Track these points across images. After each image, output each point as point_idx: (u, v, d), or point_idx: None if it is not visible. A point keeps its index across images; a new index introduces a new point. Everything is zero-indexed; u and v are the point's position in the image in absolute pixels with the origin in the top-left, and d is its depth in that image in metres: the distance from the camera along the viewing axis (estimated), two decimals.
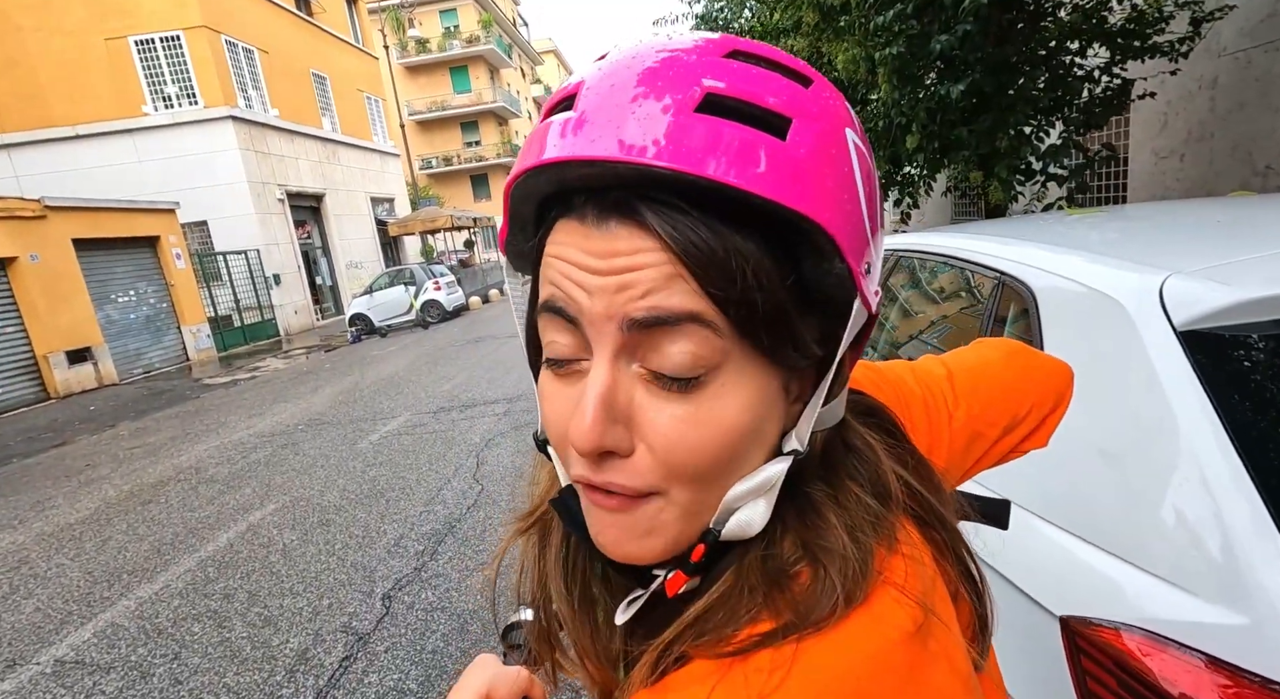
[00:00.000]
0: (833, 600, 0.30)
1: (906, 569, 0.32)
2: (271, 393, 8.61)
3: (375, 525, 3.72)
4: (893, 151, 5.05)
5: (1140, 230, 1.41)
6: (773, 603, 0.31)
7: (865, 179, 0.32)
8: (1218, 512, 0.77)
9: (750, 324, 0.30)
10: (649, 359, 0.30)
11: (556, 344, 0.33)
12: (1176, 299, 0.90)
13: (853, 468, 0.36)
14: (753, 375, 0.31)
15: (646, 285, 0.29)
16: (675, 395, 0.30)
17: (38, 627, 3.08)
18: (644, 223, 0.29)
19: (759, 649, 0.29)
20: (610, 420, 0.30)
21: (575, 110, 0.30)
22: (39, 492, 5.40)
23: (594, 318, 0.30)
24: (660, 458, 0.31)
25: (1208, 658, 0.73)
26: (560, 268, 0.31)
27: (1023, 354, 0.62)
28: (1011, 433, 0.57)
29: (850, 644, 0.29)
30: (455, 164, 34.41)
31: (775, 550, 0.33)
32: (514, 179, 0.32)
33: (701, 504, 0.32)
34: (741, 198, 0.28)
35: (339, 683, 2.34)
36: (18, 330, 9.85)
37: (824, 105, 0.31)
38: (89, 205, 11.01)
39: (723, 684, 0.28)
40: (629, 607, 0.36)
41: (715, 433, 0.30)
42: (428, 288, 14.25)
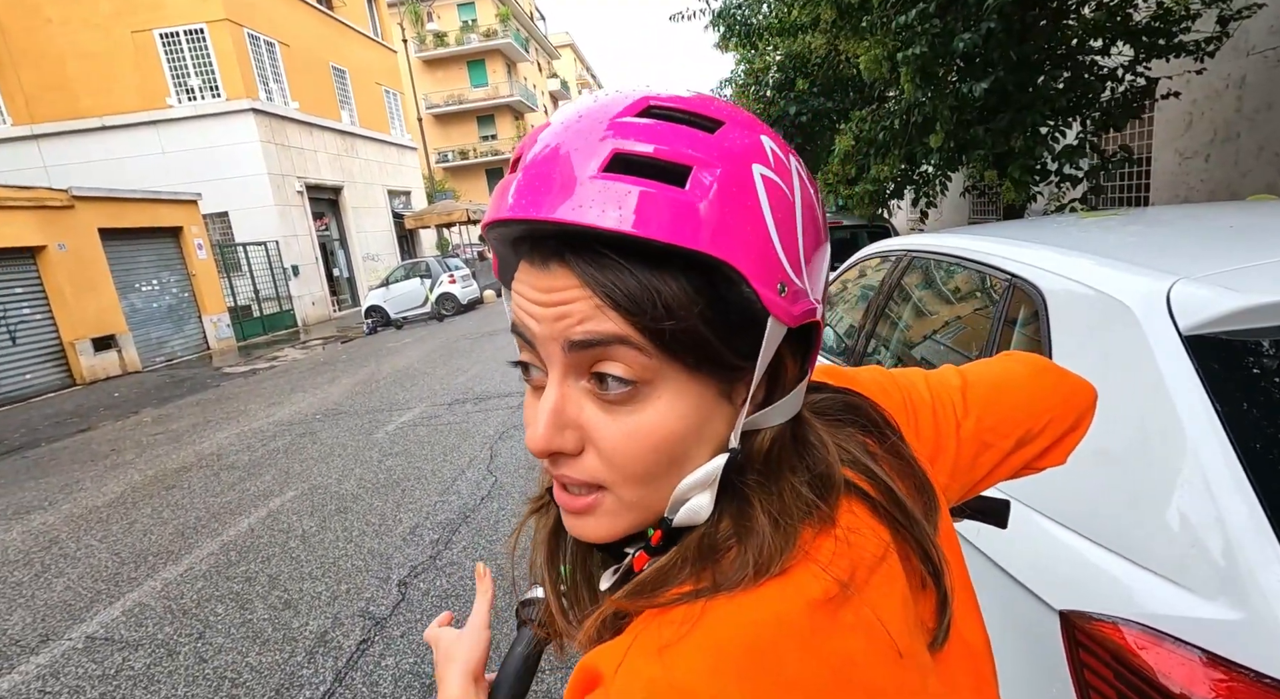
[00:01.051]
0: (744, 572, 0.35)
1: (834, 549, 0.37)
2: (290, 382, 8.75)
3: (391, 514, 3.80)
4: (908, 150, 5.02)
5: (1152, 234, 1.42)
6: (698, 572, 0.36)
7: (777, 208, 0.35)
8: (1217, 512, 0.79)
9: (672, 347, 0.34)
10: (591, 374, 0.36)
11: (523, 357, 0.40)
12: (1183, 304, 0.92)
13: (794, 461, 0.40)
14: (685, 388, 0.36)
15: (580, 315, 0.34)
16: (615, 408, 0.36)
17: (69, 604, 3.19)
18: (570, 266, 0.34)
19: (676, 605, 0.35)
20: (559, 428, 0.36)
21: (520, 171, 0.36)
22: (67, 475, 5.55)
23: (543, 341, 0.36)
24: (605, 459, 0.36)
25: (1204, 653, 0.75)
26: (518, 301, 0.38)
27: (1047, 371, 0.63)
28: (1025, 447, 0.58)
29: (755, 605, 0.34)
30: (471, 158, 34.54)
31: (712, 530, 0.38)
32: (482, 228, 0.39)
33: (646, 498, 0.38)
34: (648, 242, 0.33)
35: (357, 665, 2.41)
36: (46, 318, 10.09)
37: (726, 149, 0.35)
38: (115, 196, 11.22)
39: (640, 636, 0.34)
40: (610, 577, 0.42)
41: (652, 441, 0.36)
42: (443, 281, 14.37)
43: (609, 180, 0.33)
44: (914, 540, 0.42)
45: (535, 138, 0.37)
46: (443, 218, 18.69)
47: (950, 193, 5.85)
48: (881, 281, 2.24)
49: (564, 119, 0.37)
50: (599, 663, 0.34)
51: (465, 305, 14.77)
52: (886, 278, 2.20)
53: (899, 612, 0.38)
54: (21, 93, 14.00)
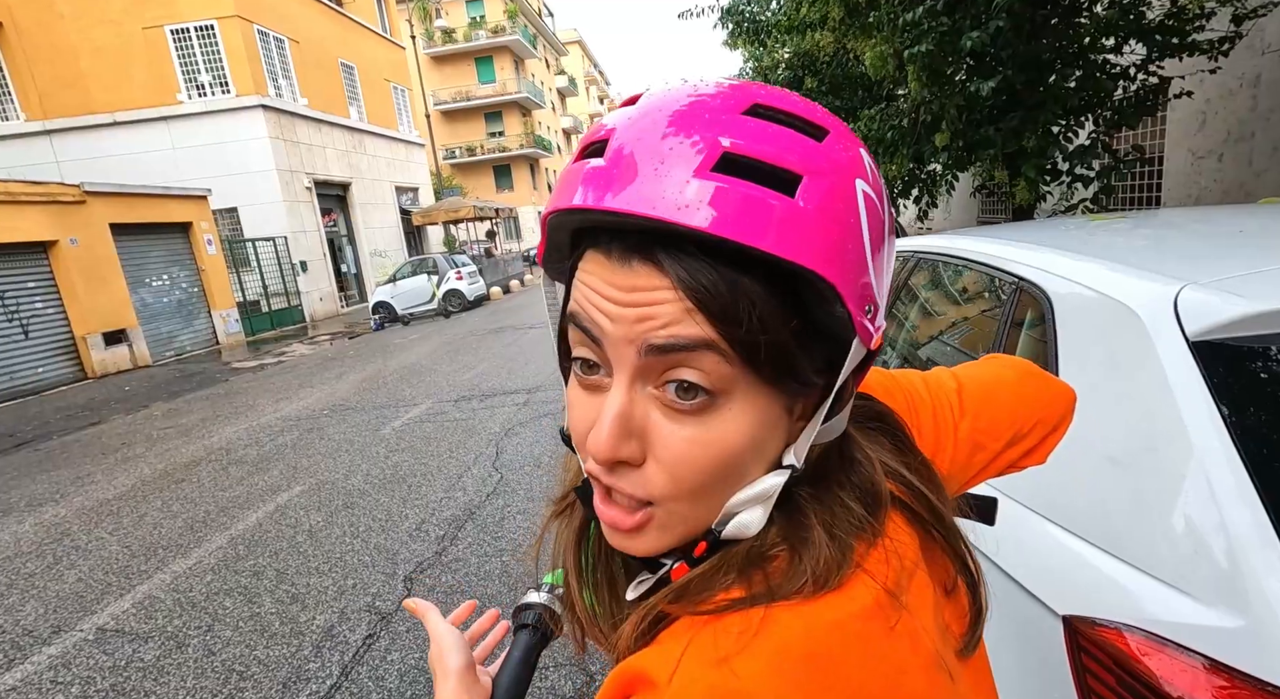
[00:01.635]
0: (802, 581, 0.34)
1: (883, 559, 0.37)
2: (298, 378, 8.81)
3: (397, 510, 3.82)
4: (917, 150, 5.00)
5: (1161, 238, 1.42)
6: (746, 578, 0.36)
7: (873, 229, 0.34)
8: (1221, 519, 0.79)
9: (755, 358, 0.33)
10: (664, 381, 0.34)
11: (581, 353, 0.37)
12: (1191, 309, 0.92)
13: (844, 477, 0.40)
14: (757, 401, 0.35)
15: (666, 318, 0.32)
16: (686, 417, 0.34)
17: (80, 596, 3.23)
18: (661, 266, 0.32)
19: (729, 611, 0.34)
20: (624, 435, 0.34)
21: (605, 159, 0.34)
22: (78, 467, 5.61)
23: (615, 341, 0.34)
24: (668, 472, 0.35)
25: (1207, 660, 0.75)
26: (587, 294, 0.35)
27: (1033, 375, 0.65)
28: (1013, 447, 0.60)
29: (813, 614, 0.33)
30: (479, 154, 34.59)
31: (759, 541, 0.37)
32: (548, 214, 0.36)
33: (697, 513, 0.37)
34: (751, 250, 0.31)
35: (363, 659, 2.43)
36: (58, 312, 10.19)
37: (835, 160, 0.33)
38: (126, 191, 11.31)
39: (695, 642, 0.33)
40: (638, 586, 0.41)
41: (719, 453, 0.34)
42: (450, 277, 14.41)
43: (718, 181, 0.31)
44: (950, 547, 0.42)
45: (614, 126, 0.35)
46: (450, 214, 18.74)
47: (959, 192, 5.82)
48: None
49: (658, 106, 0.34)
50: (648, 668, 0.33)
51: (472, 302, 14.82)
52: (894, 278, 2.19)
53: (931, 618, 0.38)
54: (35, 88, 14.12)
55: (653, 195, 0.31)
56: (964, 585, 0.42)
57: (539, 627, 0.71)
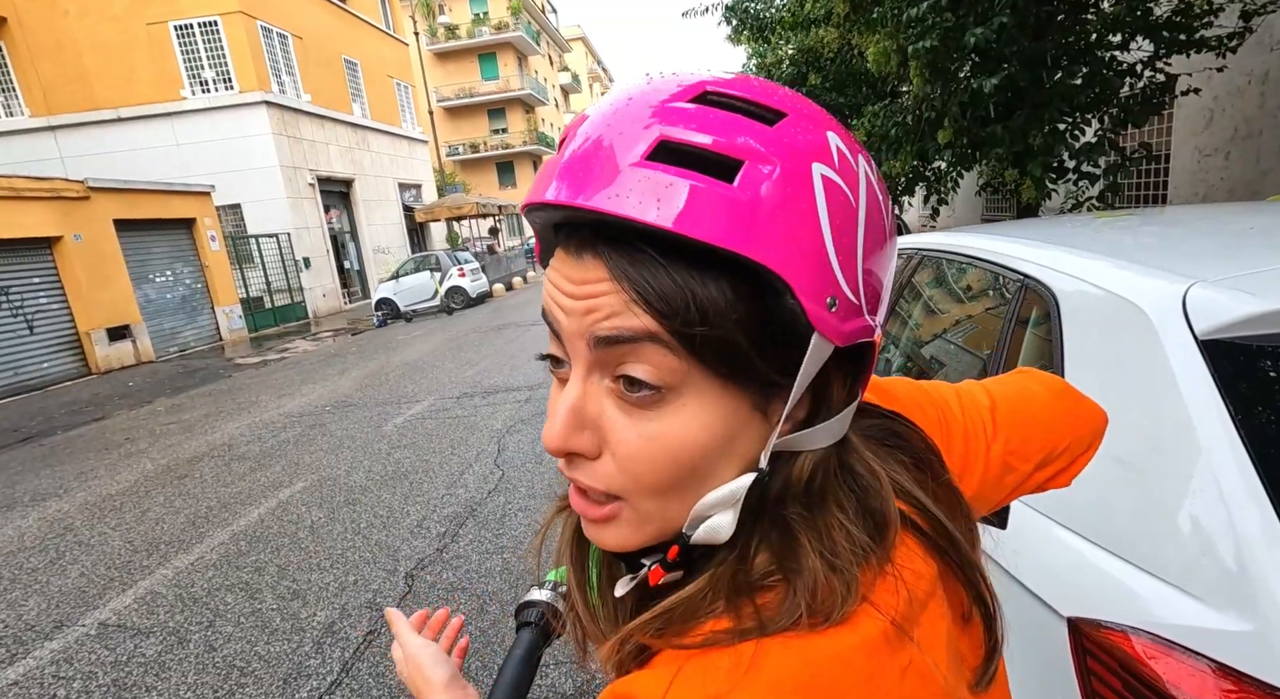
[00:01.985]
0: (796, 615, 0.32)
1: (889, 588, 0.34)
2: (300, 374, 8.82)
3: (399, 506, 3.82)
4: (921, 147, 4.97)
5: (1169, 235, 1.40)
6: (735, 609, 0.33)
7: (836, 213, 0.32)
8: (1230, 520, 0.78)
9: (702, 352, 0.32)
10: (616, 374, 0.33)
11: (551, 348, 0.38)
12: (1199, 308, 0.90)
13: (844, 494, 0.37)
14: (714, 397, 0.33)
15: (609, 309, 0.32)
16: (639, 411, 0.33)
17: (82, 591, 3.24)
18: (603, 258, 0.32)
19: (716, 646, 0.32)
20: (577, 427, 0.34)
21: (562, 155, 0.34)
22: (82, 463, 5.63)
23: (569, 334, 0.34)
24: (621, 467, 0.34)
25: (1214, 664, 0.74)
26: (549, 289, 0.36)
27: (1066, 394, 0.62)
28: (1043, 470, 0.58)
29: (811, 647, 0.31)
30: (482, 151, 34.59)
31: (747, 565, 0.35)
32: (521, 209, 0.37)
33: (662, 512, 0.35)
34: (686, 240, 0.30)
35: (363, 656, 2.43)
36: (62, 307, 10.22)
37: (786, 144, 0.32)
38: (129, 187, 11.33)
39: (679, 679, 0.31)
40: (620, 585, 0.40)
41: (673, 449, 0.33)
42: (452, 274, 14.42)
43: (652, 170, 0.31)
44: (966, 579, 0.39)
45: (582, 119, 0.35)
46: (453, 211, 18.74)
47: (963, 190, 5.79)
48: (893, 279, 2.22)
49: (613, 101, 0.35)
50: (637, 693, 0.32)
51: (474, 299, 14.82)
52: (897, 276, 2.18)
53: (944, 650, 0.36)
54: (39, 84, 14.15)
55: (591, 186, 0.31)
56: (978, 615, 0.40)
57: (541, 625, 0.70)
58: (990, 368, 1.42)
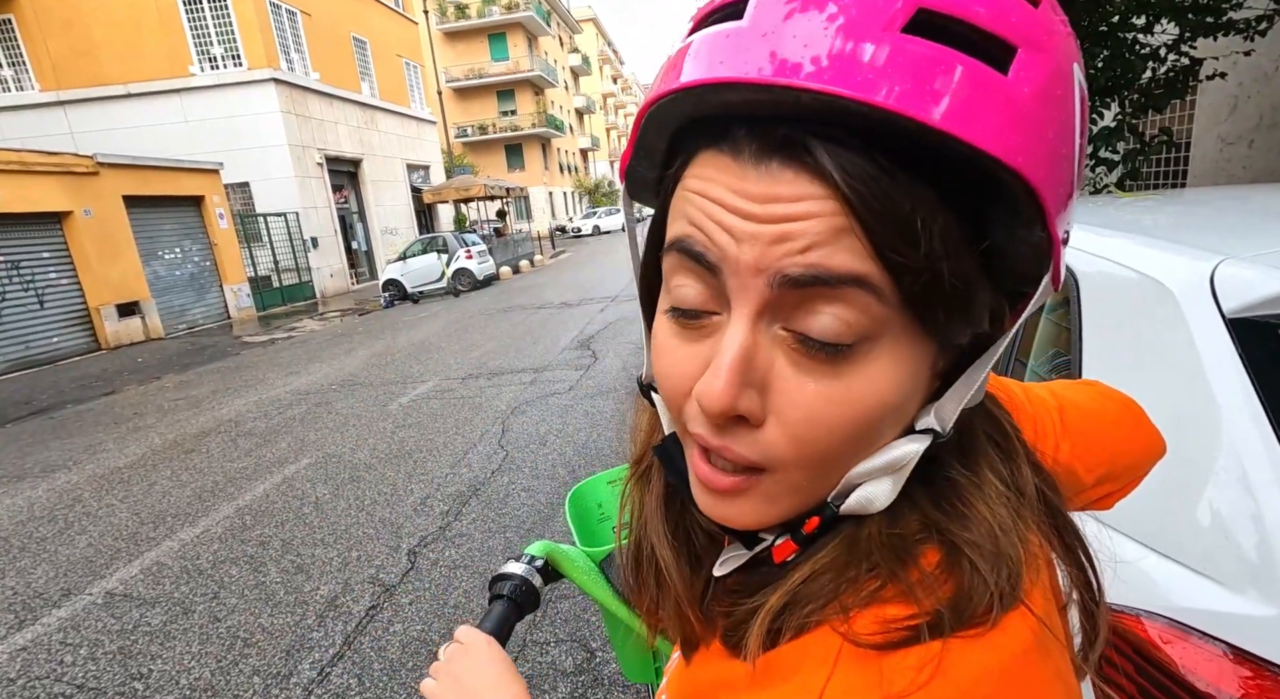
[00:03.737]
0: (987, 598, 0.27)
1: (1030, 579, 0.30)
2: (307, 353, 8.85)
3: (403, 484, 3.84)
4: None
5: (1195, 214, 1.36)
6: (897, 578, 0.29)
7: (1083, 132, 0.28)
8: (1255, 505, 0.75)
9: (923, 295, 0.26)
10: (795, 322, 0.27)
11: (685, 291, 0.30)
12: (1228, 285, 0.87)
13: (992, 457, 0.33)
14: (908, 350, 0.28)
15: (809, 239, 0.25)
16: (820, 366, 0.27)
17: (90, 561, 3.28)
18: (816, 166, 0.25)
19: (906, 646, 0.27)
20: (745, 383, 0.28)
21: (745, 19, 0.26)
22: (91, 436, 5.68)
23: (740, 268, 0.27)
24: (791, 433, 0.28)
25: (1232, 649, 0.72)
26: (704, 207, 0.28)
27: (1136, 416, 0.58)
28: (1101, 485, 0.53)
29: (990, 644, 0.27)
30: (490, 133, 34.38)
31: (896, 528, 0.30)
32: (651, 103, 0.29)
33: (815, 483, 0.30)
34: (942, 145, 0.24)
35: (365, 630, 2.45)
36: (72, 282, 10.28)
37: (1054, 32, 0.26)
38: (139, 163, 11.34)
39: (846, 660, 0.27)
40: (726, 563, 0.35)
41: (859, 413, 0.28)
42: (460, 256, 14.40)
43: (914, 46, 0.23)
44: (1071, 557, 0.34)
45: None
46: (461, 193, 18.66)
47: None
48: None
49: None
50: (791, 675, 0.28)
51: (481, 281, 14.81)
52: None
53: (1064, 642, 0.31)
54: (49, 59, 14.10)
55: (824, 63, 0.24)
56: (1082, 601, 0.34)
57: (514, 598, 0.69)
58: (1003, 355, 1.39)
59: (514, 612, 0.67)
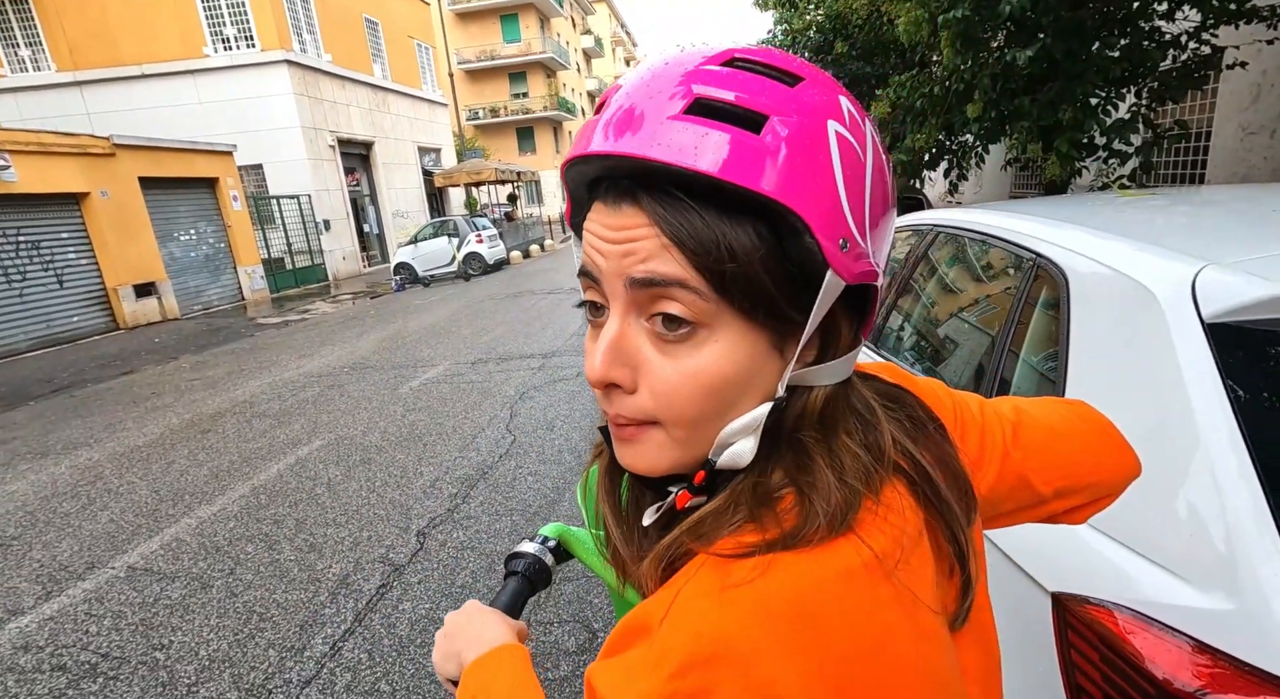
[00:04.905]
0: (815, 525, 0.35)
1: (877, 524, 0.37)
2: (320, 335, 8.97)
3: (413, 467, 3.92)
4: (947, 119, 4.83)
5: (1193, 216, 1.37)
6: (758, 517, 0.37)
7: (848, 164, 0.36)
8: (1221, 504, 0.78)
9: (729, 289, 0.35)
10: (650, 315, 0.37)
11: (589, 296, 0.41)
12: (1209, 291, 0.89)
13: (850, 425, 0.41)
14: (740, 335, 0.37)
15: (644, 253, 0.36)
16: (671, 348, 0.37)
17: (112, 536, 3.39)
18: (641, 205, 0.36)
19: (747, 557, 0.35)
20: (616, 362, 0.38)
21: (602, 113, 0.38)
22: (111, 415, 5.82)
23: (608, 277, 0.38)
24: (655, 397, 0.38)
25: (1193, 641, 0.75)
26: (589, 239, 0.39)
27: (1107, 435, 0.62)
28: (1061, 500, 0.57)
29: (807, 569, 0.34)
30: (502, 116, 34.19)
31: (765, 479, 0.39)
32: (563, 166, 0.41)
33: (693, 438, 0.39)
34: (720, 184, 0.34)
35: (376, 607, 2.53)
36: (90, 263, 10.44)
37: (805, 102, 0.36)
38: (154, 145, 11.43)
39: (695, 579, 0.36)
40: (652, 514, 0.44)
41: (704, 382, 0.37)
42: (470, 240, 14.44)
43: (689, 122, 0.34)
44: (946, 526, 0.42)
45: (616, 87, 0.39)
46: (472, 177, 18.65)
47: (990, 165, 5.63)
48: (907, 256, 2.19)
49: (650, 66, 0.39)
50: (646, 614, 0.36)
51: (491, 265, 14.86)
52: (913, 252, 2.15)
53: (929, 591, 0.38)
54: (65, 39, 14.18)
55: (633, 137, 0.35)
56: (956, 563, 0.42)
57: (528, 575, 0.74)
58: (997, 348, 1.41)
59: (527, 587, 0.72)
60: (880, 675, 0.33)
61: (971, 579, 0.42)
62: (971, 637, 0.44)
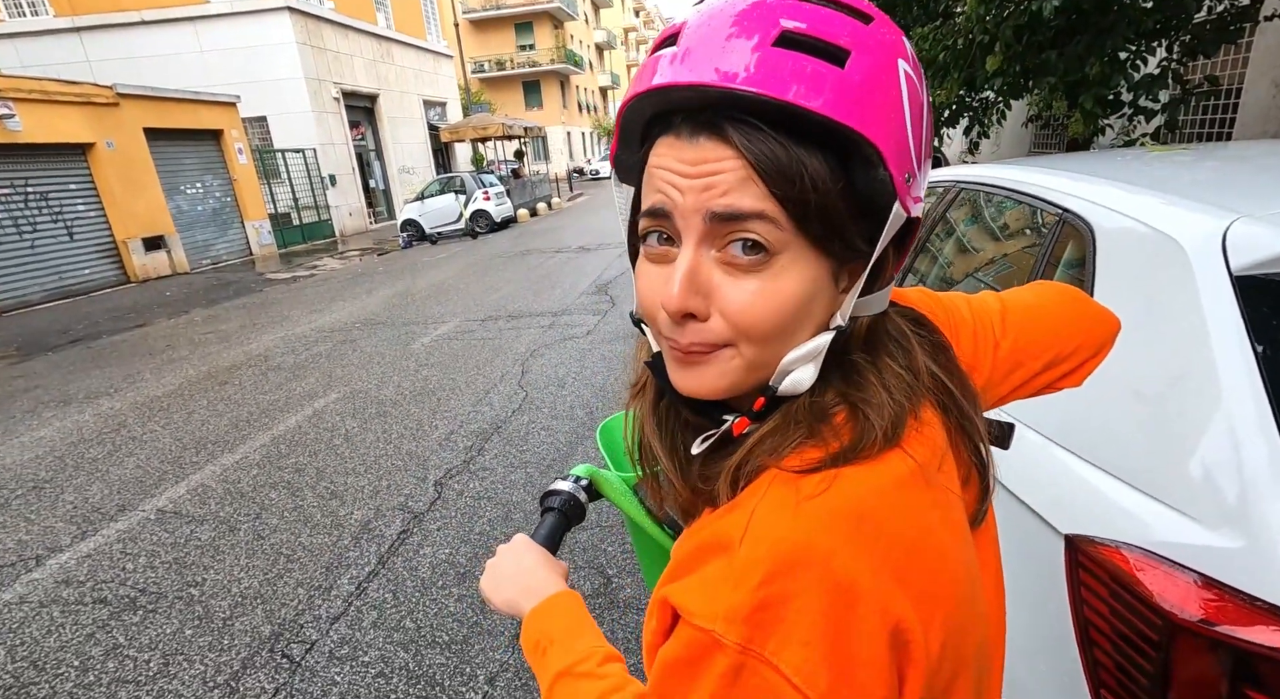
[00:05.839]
0: (872, 437, 0.39)
1: (916, 440, 0.42)
2: (329, 291, 9.00)
3: (427, 420, 4.00)
4: (969, 74, 4.69)
5: (1224, 170, 1.35)
6: (816, 433, 0.40)
7: (913, 104, 0.39)
8: (1237, 453, 0.81)
9: (805, 219, 0.38)
10: (726, 244, 0.39)
11: (653, 236, 0.42)
12: (1240, 243, 0.90)
13: (892, 349, 0.45)
14: (807, 262, 0.39)
15: (725, 186, 0.37)
16: (744, 274, 0.39)
17: (140, 481, 3.50)
18: (726, 137, 0.37)
19: (814, 472, 0.39)
20: (693, 291, 0.39)
21: (679, 46, 0.39)
22: (128, 366, 5.92)
23: (685, 211, 0.39)
24: (731, 321, 0.40)
25: (1201, 576, 0.79)
26: (661, 175, 0.40)
27: (1078, 300, 0.68)
28: (1052, 369, 0.63)
29: (865, 478, 0.39)
30: (508, 68, 33.33)
31: (819, 399, 0.42)
32: (627, 102, 0.42)
33: (759, 360, 0.41)
34: (805, 116, 0.35)
35: (397, 551, 2.63)
36: (99, 215, 10.43)
37: (880, 40, 0.38)
38: (157, 95, 11.25)
39: (769, 496, 0.39)
40: (703, 442, 0.46)
41: (775, 302, 0.39)
42: (477, 197, 14.28)
43: (781, 54, 0.36)
44: (967, 437, 0.47)
45: (680, 26, 0.40)
46: (478, 132, 18.30)
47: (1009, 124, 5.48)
48: (926, 214, 2.18)
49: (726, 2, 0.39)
50: (723, 531, 0.39)
51: (499, 223, 14.73)
52: (931, 211, 2.14)
53: (956, 496, 0.44)
54: None
55: (720, 67, 0.36)
56: (975, 470, 0.48)
57: (564, 511, 0.78)
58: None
59: (563, 522, 0.76)
60: (930, 564, 0.39)
61: (990, 486, 0.48)
62: (986, 537, 0.50)
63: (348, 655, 2.08)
